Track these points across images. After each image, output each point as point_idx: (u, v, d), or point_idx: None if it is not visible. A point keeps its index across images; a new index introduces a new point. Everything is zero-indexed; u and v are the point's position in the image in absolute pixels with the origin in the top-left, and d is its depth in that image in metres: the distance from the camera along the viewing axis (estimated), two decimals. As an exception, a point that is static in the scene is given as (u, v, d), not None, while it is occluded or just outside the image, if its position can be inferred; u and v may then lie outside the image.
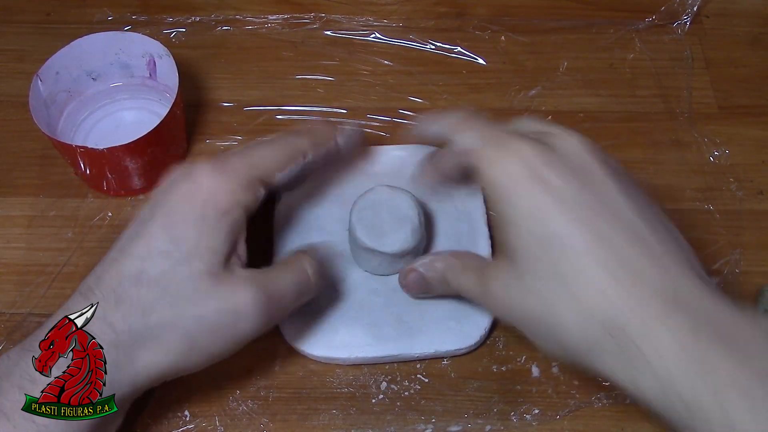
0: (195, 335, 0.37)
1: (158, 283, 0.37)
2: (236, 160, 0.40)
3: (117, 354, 0.36)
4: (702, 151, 0.54)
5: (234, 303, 0.37)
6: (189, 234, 0.37)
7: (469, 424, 0.43)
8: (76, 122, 0.53)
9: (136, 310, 0.36)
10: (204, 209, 0.38)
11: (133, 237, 0.38)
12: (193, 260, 0.37)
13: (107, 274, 0.38)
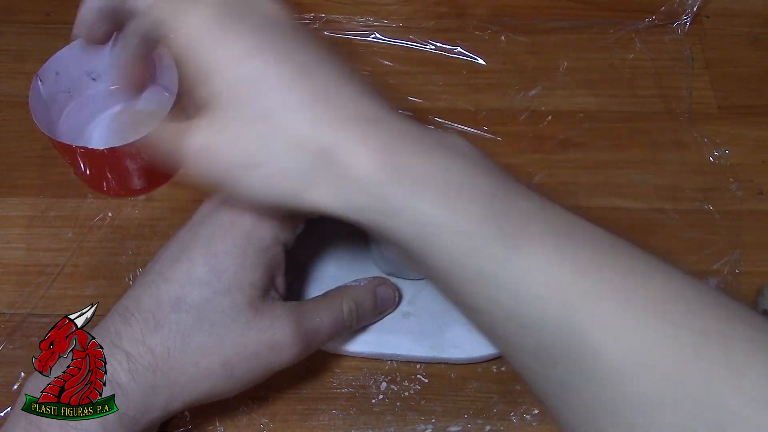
0: (234, 363, 0.38)
1: (198, 310, 0.37)
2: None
3: (154, 377, 0.36)
4: (702, 151, 0.54)
5: (272, 335, 0.38)
6: (229, 266, 0.38)
7: (469, 424, 0.43)
8: (76, 122, 0.53)
9: (175, 335, 0.37)
10: (245, 244, 0.38)
11: (174, 261, 0.38)
12: (234, 292, 0.38)
13: (146, 297, 0.38)
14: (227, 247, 0.38)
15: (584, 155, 0.54)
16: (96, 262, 0.49)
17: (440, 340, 0.45)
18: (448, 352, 0.44)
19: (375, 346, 0.45)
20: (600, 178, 0.53)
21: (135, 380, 0.36)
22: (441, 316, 0.45)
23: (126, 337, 0.36)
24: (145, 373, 0.36)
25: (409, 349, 0.44)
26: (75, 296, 0.47)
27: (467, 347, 0.44)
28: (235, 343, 0.38)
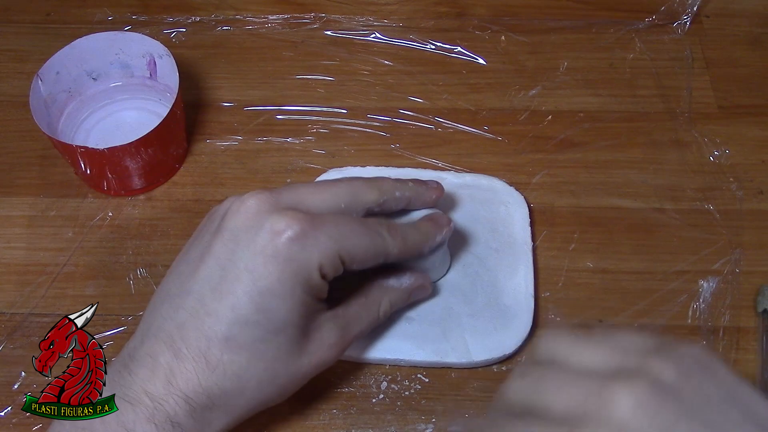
0: (287, 387, 0.39)
1: (250, 350, 0.37)
2: (329, 233, 0.38)
3: (211, 414, 0.37)
4: (702, 150, 0.54)
5: (321, 355, 0.39)
6: (278, 306, 0.37)
7: (470, 424, 0.43)
8: (76, 122, 0.53)
9: (231, 377, 0.37)
10: (293, 282, 0.37)
11: (214, 290, 0.37)
12: (287, 329, 0.37)
13: (191, 329, 0.37)
14: (273, 286, 0.37)
15: (584, 155, 0.54)
16: (96, 261, 0.49)
17: (442, 345, 0.45)
18: (450, 356, 0.44)
19: (378, 351, 0.44)
20: (600, 178, 0.53)
21: (193, 418, 0.36)
22: (443, 322, 0.45)
23: (181, 377, 0.36)
24: (202, 412, 0.36)
25: (411, 354, 0.44)
26: (75, 296, 0.47)
27: (469, 352, 0.44)
28: (290, 372, 0.38)
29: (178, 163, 0.53)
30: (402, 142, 0.54)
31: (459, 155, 0.53)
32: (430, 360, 0.44)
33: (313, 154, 0.54)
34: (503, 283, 0.47)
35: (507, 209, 0.50)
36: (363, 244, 0.39)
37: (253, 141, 0.54)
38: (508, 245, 0.48)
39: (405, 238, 0.41)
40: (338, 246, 0.38)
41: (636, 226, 0.51)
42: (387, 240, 0.40)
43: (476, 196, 0.50)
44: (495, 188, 0.51)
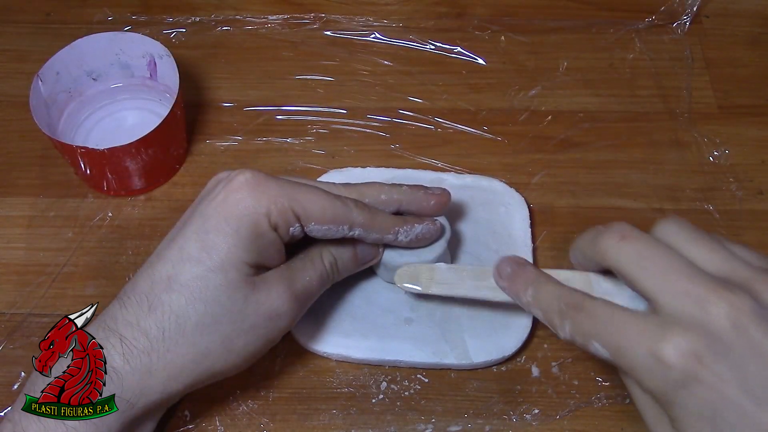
0: (233, 338, 0.38)
1: (190, 289, 0.37)
2: (279, 185, 0.39)
3: (150, 360, 0.36)
4: (702, 151, 0.54)
5: (269, 305, 0.38)
6: (221, 243, 0.37)
7: (469, 424, 0.43)
8: (76, 122, 0.53)
9: (169, 316, 0.36)
10: (238, 223, 0.38)
11: (170, 241, 0.39)
12: (228, 269, 0.37)
13: (141, 278, 0.38)
14: (220, 225, 0.38)
15: (584, 155, 0.54)
16: (96, 261, 0.49)
17: (442, 346, 0.45)
18: (450, 358, 0.44)
19: (377, 353, 0.44)
20: (600, 178, 0.53)
21: (129, 363, 0.35)
22: (443, 323, 0.45)
23: (121, 321, 0.36)
24: (140, 356, 0.36)
25: (410, 356, 0.44)
26: (75, 296, 0.47)
27: (469, 353, 0.44)
28: (233, 318, 0.37)
29: (178, 163, 0.53)
30: (402, 143, 0.54)
31: (459, 155, 0.53)
32: (429, 361, 0.44)
33: (313, 155, 0.54)
34: None
35: (507, 210, 0.50)
36: (319, 201, 0.40)
37: (253, 141, 0.54)
38: (507, 247, 0.48)
39: (374, 213, 0.42)
40: (290, 197, 0.39)
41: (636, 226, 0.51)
42: (351, 209, 0.41)
43: (476, 198, 0.50)
44: (495, 189, 0.51)
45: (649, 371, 0.33)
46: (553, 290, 0.39)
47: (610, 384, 0.45)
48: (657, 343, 0.33)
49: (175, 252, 0.38)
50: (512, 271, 0.41)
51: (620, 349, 0.34)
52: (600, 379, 0.45)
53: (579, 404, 0.44)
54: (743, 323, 0.32)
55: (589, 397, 0.44)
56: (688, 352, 0.32)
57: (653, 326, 0.34)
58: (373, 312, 0.46)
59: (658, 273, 0.34)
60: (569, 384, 0.45)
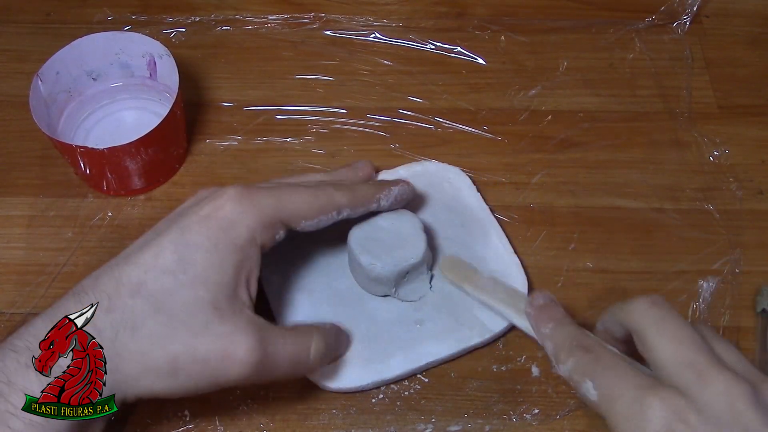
0: (179, 362, 0.36)
1: (157, 298, 0.36)
2: (265, 196, 0.39)
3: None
4: (702, 150, 0.54)
5: (228, 344, 0.36)
6: (198, 259, 0.36)
7: (469, 423, 0.43)
8: (76, 122, 0.53)
9: (127, 320, 0.35)
10: (219, 239, 0.37)
11: (143, 246, 0.37)
12: (198, 287, 0.36)
13: (105, 277, 0.37)
14: (200, 239, 0.37)
15: (584, 155, 0.54)
16: (96, 261, 0.49)
17: (461, 331, 0.45)
18: (474, 338, 0.45)
19: (408, 364, 0.44)
20: (600, 178, 0.53)
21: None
22: (453, 310, 0.45)
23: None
24: None
25: (437, 353, 0.44)
26: (75, 296, 0.47)
27: (487, 326, 0.45)
28: (187, 341, 0.36)
29: (178, 163, 0.53)
30: (402, 142, 0.54)
31: (459, 155, 0.53)
32: (457, 350, 0.44)
33: (313, 154, 0.54)
34: (483, 252, 0.48)
35: (451, 185, 0.51)
36: (305, 200, 0.39)
37: (253, 141, 0.54)
38: (469, 217, 0.49)
39: (353, 189, 0.42)
40: (275, 206, 0.38)
41: (636, 226, 0.51)
42: (333, 193, 0.41)
43: (419, 183, 0.49)
44: (430, 170, 0.51)
45: (629, 421, 0.33)
46: (571, 330, 0.39)
47: (610, 384, 0.45)
48: (647, 393, 0.33)
49: (149, 258, 0.36)
50: (544, 304, 0.42)
51: (610, 393, 0.35)
52: None
53: (579, 404, 0.44)
54: (739, 408, 0.32)
55: (589, 397, 0.44)
56: (675, 410, 0.32)
57: (649, 380, 0.34)
58: (384, 329, 0.45)
59: (671, 339, 0.35)
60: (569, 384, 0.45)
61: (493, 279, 0.45)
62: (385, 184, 0.45)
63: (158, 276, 0.36)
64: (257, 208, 0.38)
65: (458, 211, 0.49)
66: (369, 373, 0.44)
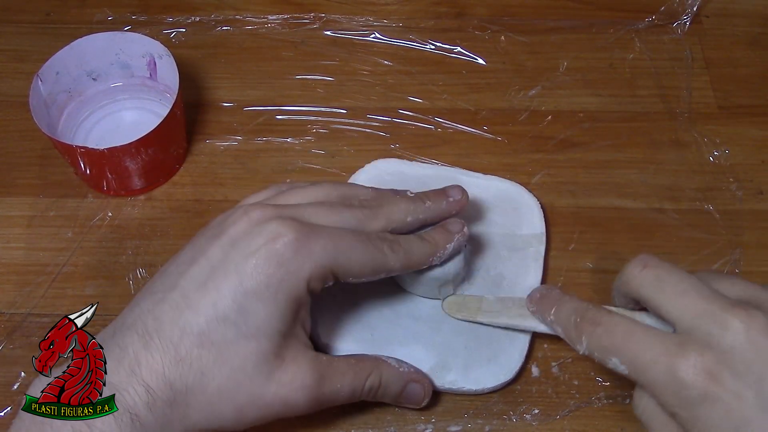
0: (246, 411, 0.37)
1: (220, 350, 0.36)
2: (323, 246, 0.38)
3: (171, 411, 0.35)
4: (702, 151, 0.54)
5: (289, 392, 0.37)
6: (259, 310, 0.37)
7: (469, 424, 0.43)
8: (76, 122, 0.53)
9: (195, 373, 0.36)
10: (278, 289, 0.37)
11: (200, 285, 0.37)
12: (261, 338, 0.37)
13: (168, 321, 0.36)
14: (259, 288, 0.36)
15: (584, 155, 0.54)
16: (96, 261, 0.49)
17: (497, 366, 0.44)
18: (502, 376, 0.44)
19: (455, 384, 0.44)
20: (600, 178, 0.53)
21: (153, 413, 0.35)
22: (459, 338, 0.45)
23: (146, 366, 0.35)
24: (162, 407, 0.35)
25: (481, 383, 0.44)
26: (75, 296, 0.47)
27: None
28: (252, 392, 0.37)
29: (178, 163, 0.53)
30: (402, 142, 0.54)
31: (459, 155, 0.53)
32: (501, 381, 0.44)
33: (313, 155, 0.54)
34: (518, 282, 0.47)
35: (518, 213, 0.49)
36: (359, 259, 0.39)
37: (253, 141, 0.54)
38: (521, 247, 0.48)
39: (408, 251, 0.41)
40: (331, 259, 0.38)
41: (636, 226, 0.51)
42: (388, 255, 0.40)
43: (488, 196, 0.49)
44: (510, 193, 0.50)
45: (667, 389, 0.34)
46: (572, 307, 0.40)
47: (610, 384, 0.45)
48: (674, 361, 0.34)
49: (208, 306, 0.36)
50: (540, 295, 0.42)
51: (638, 366, 0.35)
52: (600, 379, 0.45)
53: (579, 404, 0.44)
54: (758, 340, 0.33)
55: (589, 397, 0.44)
56: (706, 371, 0.33)
57: (672, 345, 0.35)
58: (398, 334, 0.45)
59: (676, 294, 0.36)
60: (569, 384, 0.45)
61: (500, 300, 0.45)
62: (441, 239, 0.42)
63: (220, 327, 0.36)
64: (314, 261, 0.38)
65: (514, 239, 0.48)
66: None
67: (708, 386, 0.33)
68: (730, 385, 0.33)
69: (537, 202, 0.50)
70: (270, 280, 0.37)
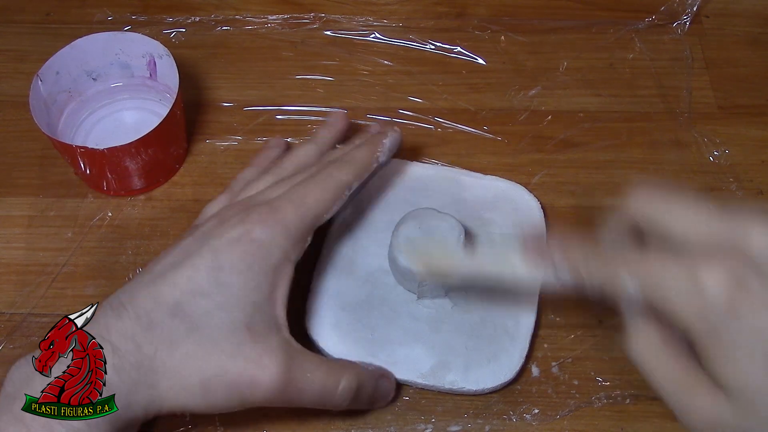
0: (211, 385, 0.37)
1: (193, 319, 0.37)
2: (289, 210, 0.39)
3: (138, 374, 0.36)
4: (702, 151, 0.54)
5: (255, 369, 0.37)
6: (234, 282, 0.37)
7: (469, 424, 0.43)
8: (76, 122, 0.53)
9: (165, 339, 0.36)
10: (253, 260, 0.38)
11: (176, 266, 0.38)
12: (234, 309, 0.37)
13: (142, 294, 0.37)
14: (234, 261, 0.37)
15: (584, 155, 0.54)
16: (96, 261, 0.49)
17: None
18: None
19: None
20: (600, 178, 0.53)
21: (119, 375, 0.35)
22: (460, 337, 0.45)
23: (115, 331, 0.36)
24: (129, 370, 0.35)
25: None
26: (75, 296, 0.47)
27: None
28: (219, 364, 0.37)
29: (178, 163, 0.53)
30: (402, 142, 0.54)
31: (459, 155, 0.53)
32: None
33: (313, 154, 0.54)
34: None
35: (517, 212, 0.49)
36: (319, 196, 0.41)
37: (253, 141, 0.54)
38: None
39: (352, 159, 0.43)
40: (303, 215, 0.39)
41: (636, 226, 0.51)
42: (337, 175, 0.42)
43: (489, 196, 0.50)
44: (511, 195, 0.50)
45: (690, 303, 0.31)
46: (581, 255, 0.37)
47: (610, 384, 0.45)
48: (697, 269, 0.31)
49: (184, 280, 0.37)
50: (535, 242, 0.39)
51: (657, 284, 0.32)
52: (600, 379, 0.45)
53: (579, 404, 0.44)
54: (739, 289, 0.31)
55: (589, 397, 0.44)
56: (729, 277, 0.31)
57: (690, 259, 0.32)
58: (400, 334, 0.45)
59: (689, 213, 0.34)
60: (569, 384, 0.45)
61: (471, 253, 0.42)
62: (375, 139, 0.45)
63: (195, 298, 0.37)
64: (285, 227, 0.39)
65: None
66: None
67: (734, 294, 0.30)
68: (758, 291, 0.30)
69: (537, 202, 0.50)
70: (245, 254, 0.38)
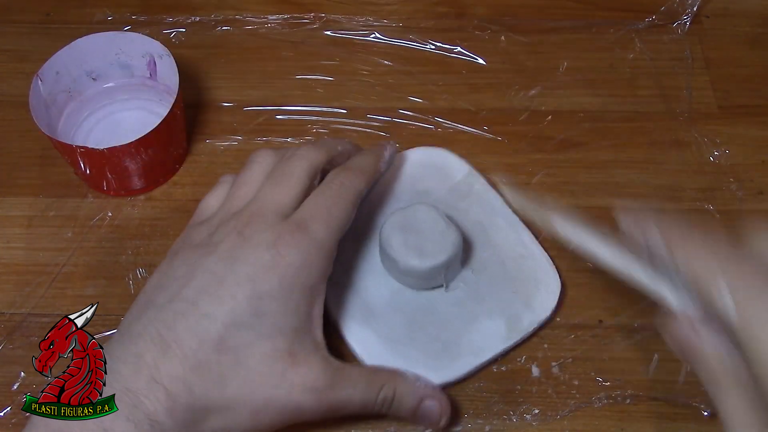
0: (261, 414, 0.37)
1: (237, 353, 0.37)
2: (320, 227, 0.39)
3: (192, 416, 0.36)
4: (702, 151, 0.54)
5: (300, 396, 0.37)
6: (274, 309, 0.37)
7: (469, 424, 0.43)
8: (76, 122, 0.53)
9: (214, 379, 0.36)
10: (292, 285, 0.37)
11: (210, 295, 0.37)
12: (276, 337, 0.37)
13: (182, 328, 0.36)
14: (272, 289, 0.37)
15: (584, 155, 0.54)
16: (96, 261, 0.49)
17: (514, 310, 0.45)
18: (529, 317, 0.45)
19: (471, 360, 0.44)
20: (600, 178, 0.53)
21: (173, 419, 0.35)
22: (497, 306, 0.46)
23: (165, 372, 0.35)
24: (182, 413, 0.35)
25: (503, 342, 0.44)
26: (75, 296, 0.47)
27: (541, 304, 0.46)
28: (266, 395, 0.37)
29: (178, 163, 0.53)
30: (402, 142, 0.54)
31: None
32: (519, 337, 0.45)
33: (313, 154, 0.54)
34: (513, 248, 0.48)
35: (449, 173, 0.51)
36: (342, 208, 0.41)
37: (253, 141, 0.54)
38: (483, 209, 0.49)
39: (359, 166, 0.43)
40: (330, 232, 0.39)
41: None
42: (353, 185, 0.42)
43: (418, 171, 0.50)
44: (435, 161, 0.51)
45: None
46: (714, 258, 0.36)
47: (610, 384, 0.45)
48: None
49: (224, 313, 0.37)
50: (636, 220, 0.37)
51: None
52: (600, 379, 0.45)
53: (579, 404, 0.44)
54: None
55: (589, 397, 0.44)
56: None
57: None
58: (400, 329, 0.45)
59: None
60: (569, 384, 0.45)
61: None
62: (377, 149, 0.46)
63: (238, 332, 0.37)
64: (319, 246, 0.39)
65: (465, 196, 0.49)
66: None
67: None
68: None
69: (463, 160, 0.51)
70: (283, 279, 0.37)
